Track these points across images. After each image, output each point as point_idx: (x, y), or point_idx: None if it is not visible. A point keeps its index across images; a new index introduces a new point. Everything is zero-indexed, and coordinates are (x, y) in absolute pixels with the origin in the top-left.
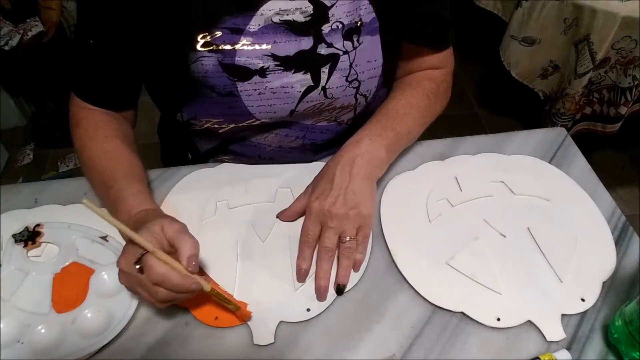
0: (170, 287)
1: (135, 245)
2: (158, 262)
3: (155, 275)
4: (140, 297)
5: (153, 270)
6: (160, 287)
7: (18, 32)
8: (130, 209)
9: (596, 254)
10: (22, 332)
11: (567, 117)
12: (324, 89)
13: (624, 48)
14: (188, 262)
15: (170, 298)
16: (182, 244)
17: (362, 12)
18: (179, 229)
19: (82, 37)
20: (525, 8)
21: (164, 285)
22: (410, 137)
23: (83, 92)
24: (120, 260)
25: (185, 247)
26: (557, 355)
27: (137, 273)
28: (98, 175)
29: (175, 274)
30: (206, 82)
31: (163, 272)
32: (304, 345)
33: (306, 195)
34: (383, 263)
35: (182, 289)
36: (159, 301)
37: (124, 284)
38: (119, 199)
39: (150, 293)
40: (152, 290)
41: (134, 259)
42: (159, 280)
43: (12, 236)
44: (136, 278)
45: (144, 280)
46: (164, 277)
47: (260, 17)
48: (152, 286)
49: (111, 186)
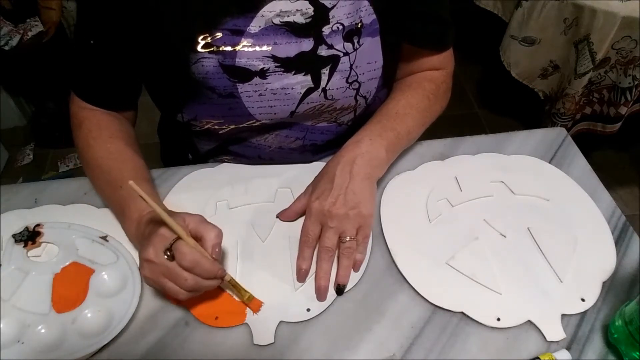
0: (201, 272)
1: (164, 234)
2: (190, 248)
3: (188, 261)
4: (163, 289)
5: (186, 256)
6: (189, 275)
7: (18, 32)
8: (141, 210)
9: (596, 254)
10: (22, 332)
11: (567, 117)
12: (325, 91)
13: (624, 48)
14: (213, 249)
15: (197, 286)
16: (207, 231)
17: (363, 13)
18: (201, 219)
19: (83, 38)
20: (525, 8)
21: (195, 271)
22: (411, 138)
23: (84, 92)
24: (147, 250)
25: (211, 235)
26: (557, 355)
27: (166, 261)
28: (103, 175)
29: (206, 260)
30: (206, 83)
31: (196, 257)
32: (304, 345)
33: (306, 195)
34: (383, 263)
35: (211, 275)
36: (186, 289)
37: (147, 275)
38: (129, 199)
39: (178, 281)
40: (181, 278)
41: (164, 247)
42: (192, 265)
43: (12, 236)
44: (163, 267)
45: (172, 268)
46: (196, 262)
47: (261, 19)
48: (181, 273)
49: (119, 186)
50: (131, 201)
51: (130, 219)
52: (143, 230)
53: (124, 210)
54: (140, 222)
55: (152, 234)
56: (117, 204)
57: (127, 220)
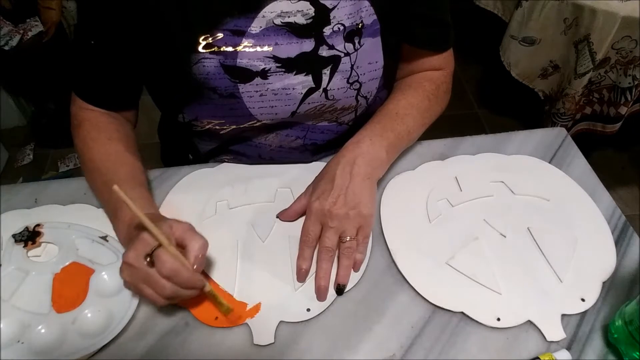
0: (179, 281)
1: (146, 239)
2: (170, 257)
3: (167, 269)
4: (141, 293)
5: (165, 264)
6: (167, 283)
7: (18, 32)
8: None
9: (596, 254)
10: (22, 332)
11: (567, 117)
12: (325, 91)
13: (624, 48)
14: (195, 260)
15: (174, 295)
16: (191, 241)
17: (364, 14)
18: (188, 227)
19: (83, 38)
20: (525, 8)
21: (173, 280)
22: (411, 138)
23: (84, 92)
24: (128, 253)
25: (195, 246)
26: (557, 355)
27: (145, 267)
28: (100, 177)
29: (186, 269)
30: (208, 84)
31: (175, 266)
32: (304, 345)
33: (306, 195)
34: (383, 263)
35: (189, 285)
36: (163, 297)
37: (126, 278)
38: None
39: (156, 288)
40: (159, 285)
41: (145, 253)
42: (170, 274)
43: (12, 236)
44: (143, 272)
45: (151, 274)
46: (175, 271)
47: (262, 19)
48: (159, 280)
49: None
50: (123, 204)
51: (122, 222)
52: (131, 233)
53: (116, 213)
54: (130, 225)
55: (135, 238)
56: (110, 206)
57: (119, 223)
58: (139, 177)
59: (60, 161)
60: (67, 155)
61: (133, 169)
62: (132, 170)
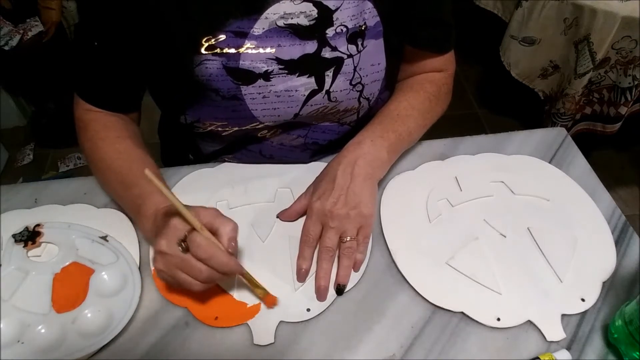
0: (216, 264)
1: (177, 225)
2: (205, 240)
3: (203, 252)
4: (177, 280)
5: (201, 247)
6: (203, 266)
7: (18, 32)
8: (157, 204)
9: (596, 254)
10: (22, 332)
11: (567, 117)
12: (328, 93)
13: (624, 48)
14: (229, 243)
15: (211, 278)
16: (222, 225)
17: (367, 15)
18: (216, 213)
19: (85, 39)
20: (525, 8)
21: (210, 263)
22: (412, 139)
23: (89, 95)
24: (160, 241)
25: (227, 228)
26: (557, 355)
27: (179, 252)
28: (114, 176)
29: (222, 252)
30: (210, 86)
31: (211, 248)
32: (304, 345)
33: (307, 195)
34: (383, 263)
35: (226, 268)
36: (200, 280)
37: (160, 267)
38: (143, 196)
39: (192, 272)
40: (195, 269)
41: (177, 239)
42: (207, 256)
43: (12, 236)
44: (177, 258)
45: (186, 259)
46: (212, 253)
47: (265, 21)
48: (195, 264)
49: (134, 184)
50: (146, 198)
51: (145, 216)
52: (158, 224)
53: (139, 209)
54: (156, 217)
55: (164, 226)
56: (131, 203)
57: (142, 218)
58: (154, 171)
59: (60, 161)
60: (67, 155)
61: (146, 165)
62: (147, 166)
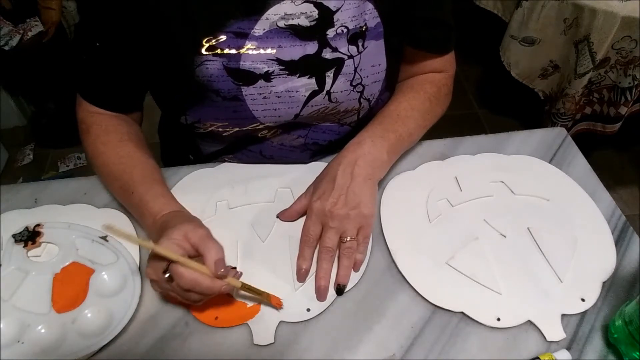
0: (200, 291)
1: (157, 257)
2: (186, 270)
3: (185, 283)
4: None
5: (183, 279)
6: (191, 292)
7: (18, 32)
8: (155, 214)
9: (596, 254)
10: (22, 332)
11: (567, 117)
12: (329, 94)
13: (624, 48)
14: (216, 268)
15: (202, 298)
16: (207, 250)
17: (367, 16)
18: (203, 234)
19: (86, 40)
20: (525, 8)
21: (195, 290)
22: (412, 140)
23: (91, 95)
24: (147, 271)
25: (211, 253)
26: (557, 355)
27: (166, 282)
28: (116, 181)
29: (205, 278)
30: (211, 86)
31: (193, 278)
32: (304, 345)
33: (307, 195)
34: (383, 263)
35: (213, 292)
36: (193, 302)
37: (157, 290)
38: (141, 204)
39: (184, 297)
40: (184, 295)
41: (162, 269)
42: (190, 286)
43: (12, 236)
44: (167, 284)
45: (174, 287)
46: (194, 283)
47: (266, 22)
48: (184, 292)
49: (132, 192)
50: (143, 207)
51: (146, 225)
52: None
53: (140, 217)
54: (154, 227)
55: (151, 255)
56: (133, 209)
57: (144, 227)
58: (154, 175)
59: (60, 161)
60: (67, 155)
61: (147, 168)
62: (146, 169)
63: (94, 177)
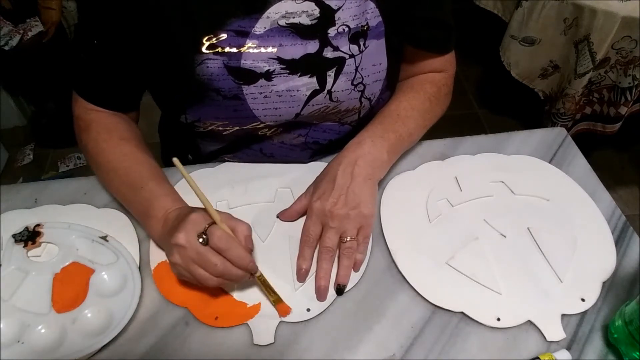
0: (233, 257)
1: (196, 219)
2: (225, 232)
3: (223, 243)
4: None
5: (222, 239)
6: (219, 259)
7: (18, 32)
8: (167, 207)
9: (596, 254)
10: (22, 332)
11: (567, 117)
12: (330, 93)
13: (624, 48)
14: (246, 242)
15: (225, 273)
16: (237, 224)
17: (369, 15)
18: (228, 215)
19: (85, 38)
20: (525, 8)
21: (227, 254)
22: (412, 140)
23: (89, 94)
24: (178, 235)
25: (242, 227)
26: (557, 355)
27: (197, 244)
28: (120, 178)
29: (240, 245)
30: (211, 85)
31: (230, 241)
32: (304, 345)
33: (307, 195)
34: (383, 263)
35: (243, 262)
36: (215, 274)
37: (176, 260)
38: (152, 198)
39: (207, 266)
40: (211, 263)
41: (196, 232)
42: (226, 247)
43: (12, 236)
44: (194, 251)
45: (203, 252)
46: (231, 244)
47: (267, 20)
48: (211, 257)
49: (141, 187)
50: (155, 200)
51: (155, 218)
52: (170, 225)
53: (147, 211)
54: (167, 219)
55: (181, 221)
56: (138, 205)
57: (151, 220)
58: (160, 174)
59: (60, 161)
60: (67, 155)
61: (152, 167)
62: (152, 168)
63: (94, 177)
